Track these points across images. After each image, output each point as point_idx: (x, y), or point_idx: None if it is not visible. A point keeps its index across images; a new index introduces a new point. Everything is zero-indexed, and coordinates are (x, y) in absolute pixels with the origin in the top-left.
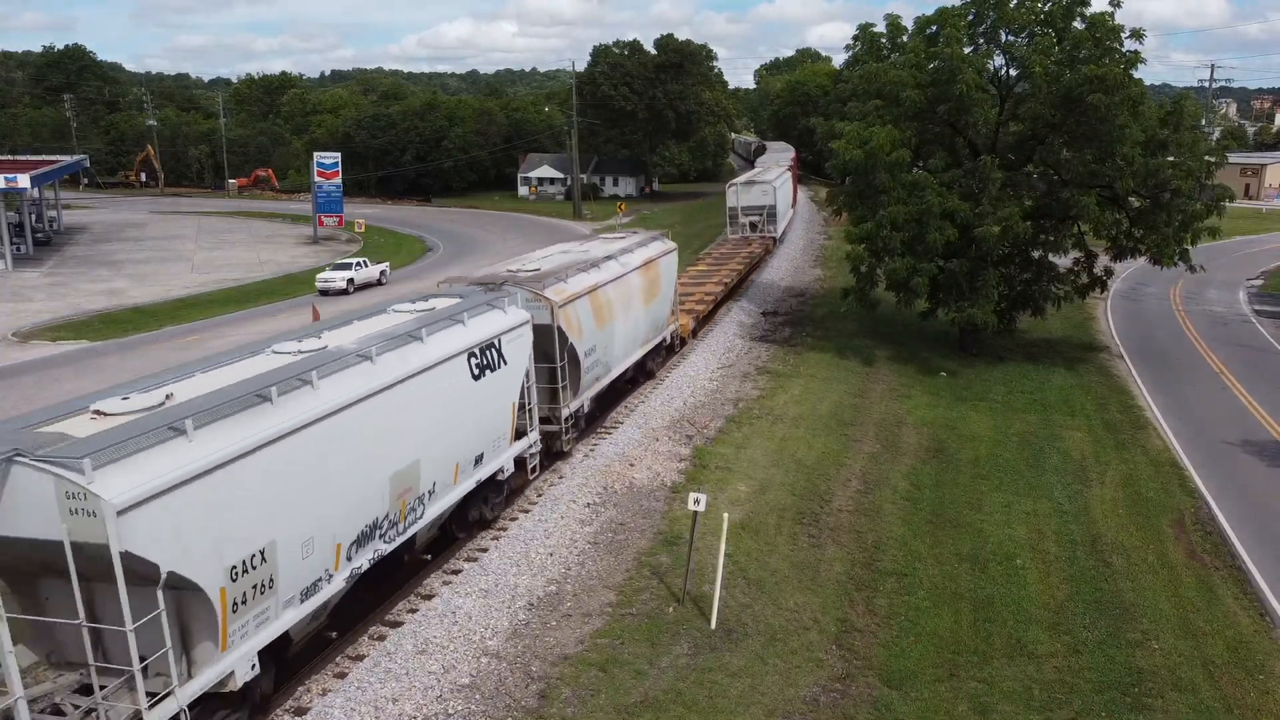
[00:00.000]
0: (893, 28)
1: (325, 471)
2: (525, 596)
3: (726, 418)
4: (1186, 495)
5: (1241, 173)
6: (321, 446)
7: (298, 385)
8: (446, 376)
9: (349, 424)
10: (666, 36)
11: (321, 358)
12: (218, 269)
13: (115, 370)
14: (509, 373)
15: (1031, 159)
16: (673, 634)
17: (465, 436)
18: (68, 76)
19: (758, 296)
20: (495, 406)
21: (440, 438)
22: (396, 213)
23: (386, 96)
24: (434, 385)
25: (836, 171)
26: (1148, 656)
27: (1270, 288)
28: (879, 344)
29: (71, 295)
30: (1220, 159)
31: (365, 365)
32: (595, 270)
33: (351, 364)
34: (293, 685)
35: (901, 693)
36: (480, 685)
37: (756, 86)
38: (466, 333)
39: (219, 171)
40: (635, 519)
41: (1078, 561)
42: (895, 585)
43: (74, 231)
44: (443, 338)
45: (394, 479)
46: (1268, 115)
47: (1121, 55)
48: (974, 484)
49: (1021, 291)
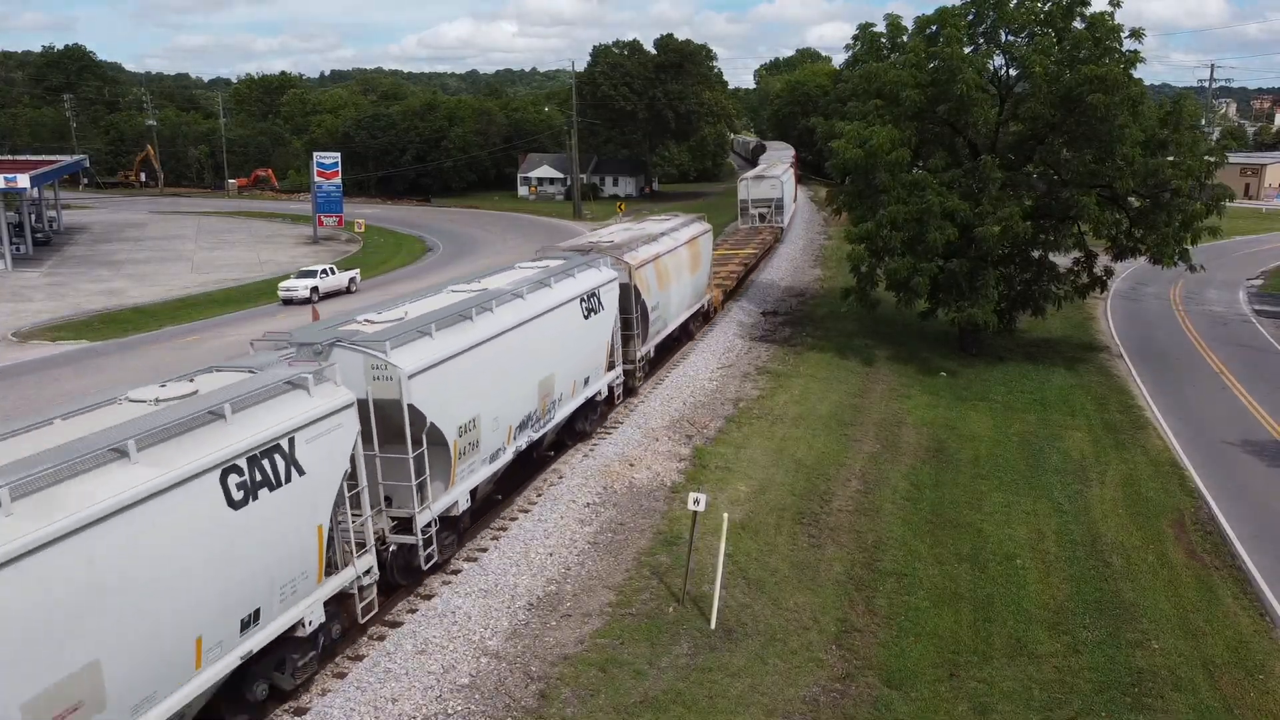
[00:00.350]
0: (893, 27)
1: (502, 370)
2: (525, 596)
3: (726, 418)
4: (1186, 495)
5: (1241, 172)
6: (499, 353)
7: (483, 310)
8: (569, 313)
9: (512, 340)
10: (666, 36)
11: (491, 294)
12: (218, 269)
13: (115, 370)
14: (605, 316)
15: (1031, 159)
16: (672, 634)
17: (580, 361)
18: (68, 76)
19: (758, 296)
20: (597, 342)
21: (566, 359)
22: (396, 213)
23: (386, 96)
24: (562, 319)
25: (836, 171)
26: (1147, 656)
27: (1270, 288)
28: (879, 344)
29: (71, 295)
30: (1220, 159)
31: (518, 301)
32: (655, 243)
33: (508, 300)
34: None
35: (901, 693)
36: (480, 685)
37: (756, 86)
38: (576, 283)
39: (219, 171)
40: (635, 519)
41: (1078, 561)
42: (895, 585)
43: (74, 231)
44: (564, 285)
45: (540, 384)
46: (1267, 115)
47: (1121, 55)
48: (974, 484)
49: (1021, 291)
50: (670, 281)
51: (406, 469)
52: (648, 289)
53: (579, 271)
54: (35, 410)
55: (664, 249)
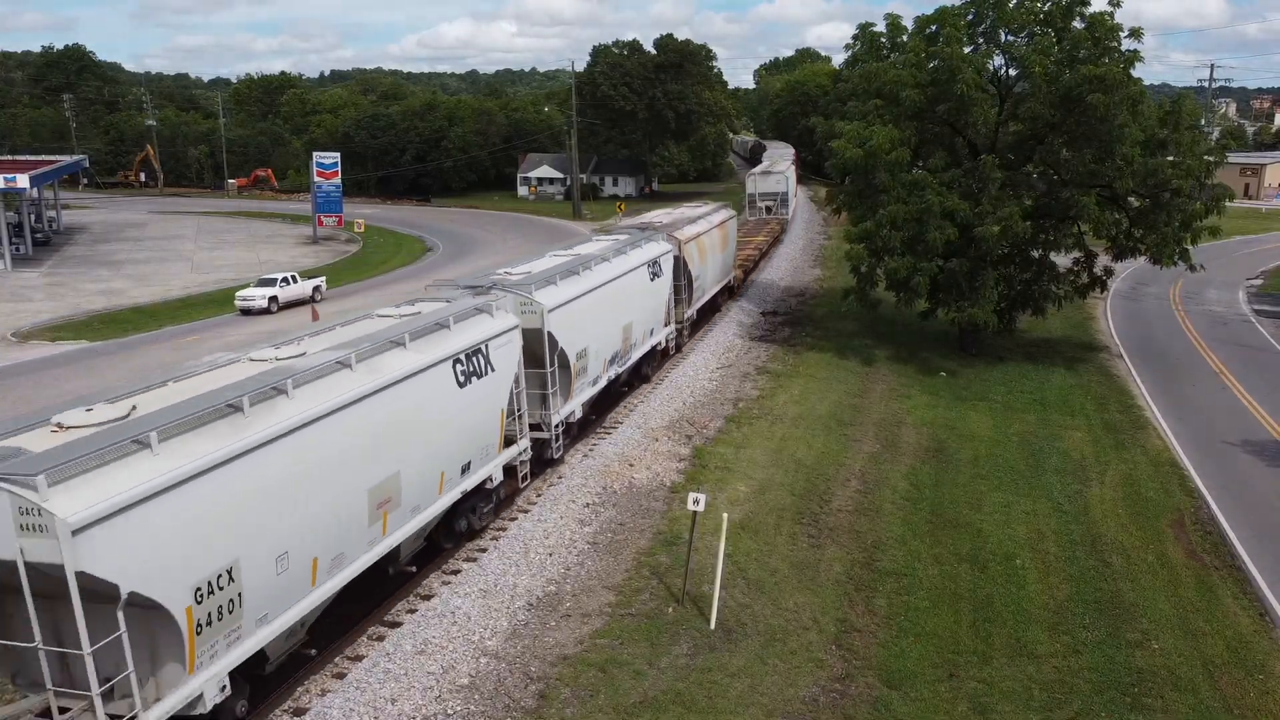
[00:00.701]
0: (892, 27)
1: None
2: (524, 597)
3: (726, 418)
4: (1186, 495)
5: (1241, 172)
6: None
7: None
8: (640, 275)
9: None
10: (666, 36)
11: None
12: (217, 269)
13: (115, 370)
14: (664, 280)
15: (1031, 159)
16: (672, 634)
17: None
18: (67, 76)
19: (757, 296)
20: (659, 300)
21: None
22: (396, 213)
23: (386, 96)
24: (636, 279)
25: (836, 171)
26: (1147, 656)
27: (1270, 287)
28: (879, 344)
29: (71, 295)
30: (1219, 158)
31: (605, 263)
32: (695, 224)
33: (599, 262)
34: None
35: (901, 693)
36: (479, 685)
37: (756, 86)
38: (644, 252)
39: (218, 171)
40: (634, 519)
41: (1077, 561)
42: (895, 585)
43: (73, 232)
44: (635, 253)
45: (623, 329)
46: (1267, 115)
47: (1120, 55)
48: (973, 484)
49: (1021, 291)
50: (708, 256)
51: (544, 381)
52: (693, 260)
53: (645, 243)
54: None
55: (703, 229)
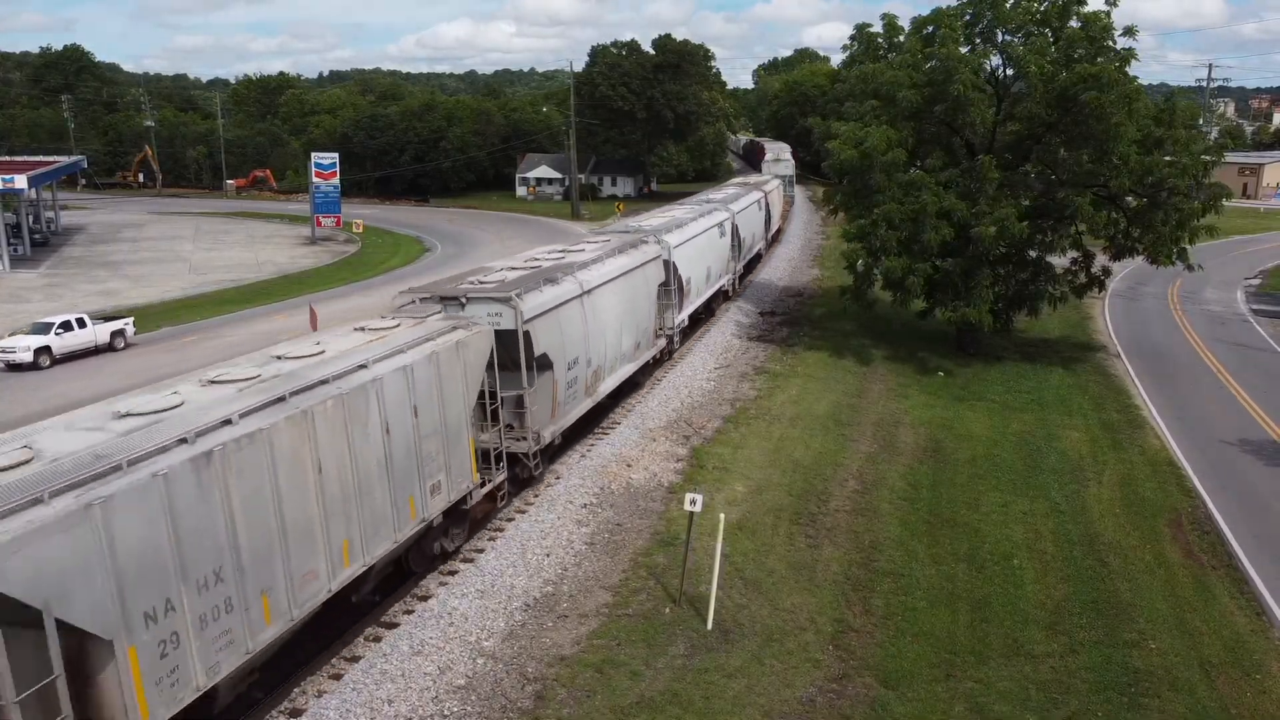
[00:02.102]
0: (889, 28)
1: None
2: (521, 597)
3: (724, 418)
4: (1183, 495)
5: (1239, 172)
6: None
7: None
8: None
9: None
10: (664, 36)
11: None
12: (216, 270)
13: (114, 370)
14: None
15: (1029, 159)
16: (669, 635)
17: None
18: (66, 77)
19: (755, 296)
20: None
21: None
22: (394, 213)
23: (384, 97)
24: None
25: (833, 171)
26: (1144, 656)
27: (1268, 287)
28: (876, 344)
29: (69, 296)
30: (1217, 157)
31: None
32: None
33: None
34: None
35: (898, 693)
36: (476, 686)
37: (755, 86)
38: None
39: (217, 172)
40: (632, 519)
41: (1075, 561)
42: (892, 585)
43: (72, 232)
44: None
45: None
46: (1266, 114)
47: (1115, 53)
48: (971, 484)
49: (1018, 291)
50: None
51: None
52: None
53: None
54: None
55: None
